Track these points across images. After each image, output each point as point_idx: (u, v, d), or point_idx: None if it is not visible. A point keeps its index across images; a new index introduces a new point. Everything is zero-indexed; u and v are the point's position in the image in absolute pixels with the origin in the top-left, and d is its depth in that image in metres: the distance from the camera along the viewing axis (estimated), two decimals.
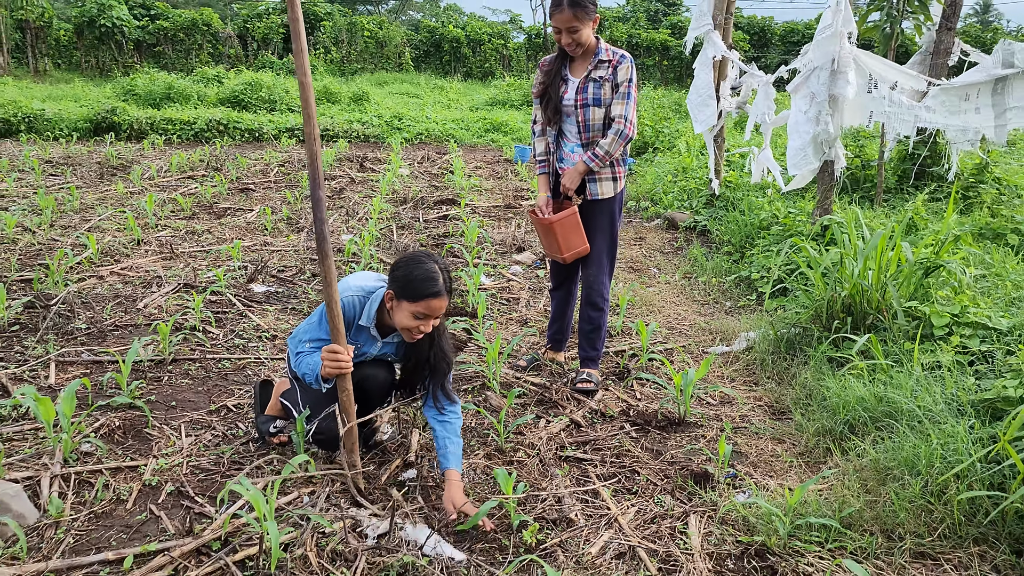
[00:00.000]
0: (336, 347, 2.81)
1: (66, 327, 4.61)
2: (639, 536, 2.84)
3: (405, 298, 2.90)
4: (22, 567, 2.52)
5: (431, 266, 2.91)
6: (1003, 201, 6.66)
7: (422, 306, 2.89)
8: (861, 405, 3.43)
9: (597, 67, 3.80)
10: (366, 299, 3.06)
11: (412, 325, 2.93)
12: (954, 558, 2.66)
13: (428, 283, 2.87)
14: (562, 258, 4.00)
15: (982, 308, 3.94)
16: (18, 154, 11.05)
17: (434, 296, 2.88)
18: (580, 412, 3.84)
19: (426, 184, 10.10)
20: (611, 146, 3.79)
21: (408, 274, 2.89)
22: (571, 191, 3.93)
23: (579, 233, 3.94)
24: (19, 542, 2.62)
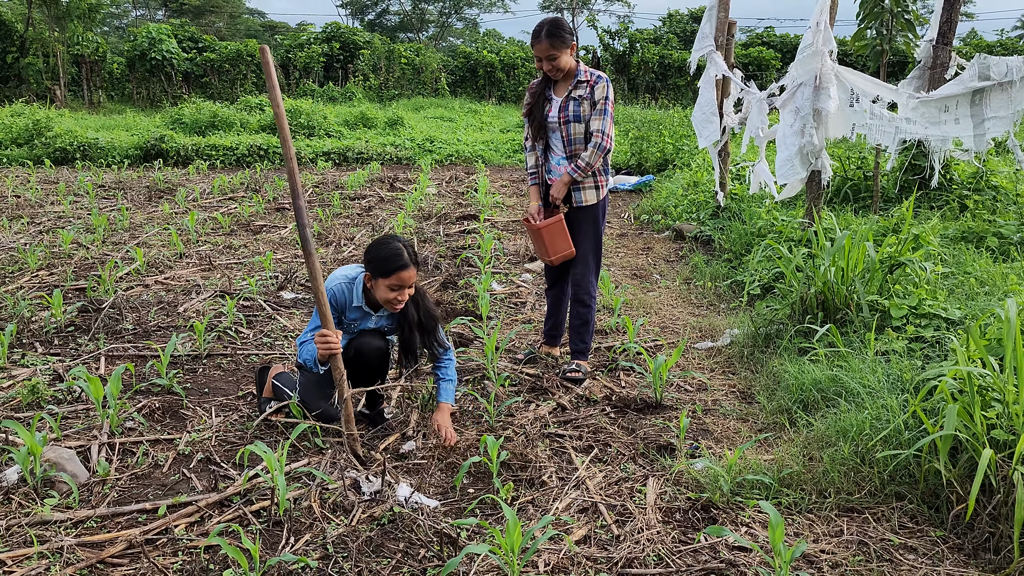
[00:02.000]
0: (325, 331, 3.26)
1: (115, 327, 5.16)
2: (602, 495, 3.23)
3: (379, 275, 3.39)
4: (75, 513, 3.02)
5: (395, 245, 3.41)
6: (997, 208, 6.91)
7: (394, 279, 3.37)
8: (815, 386, 3.79)
9: (576, 87, 4.25)
10: (352, 284, 3.56)
11: (391, 297, 3.42)
12: (877, 511, 3.01)
13: (394, 258, 3.36)
14: (549, 260, 4.44)
15: (939, 301, 4.26)
16: (74, 179, 11.85)
17: (402, 268, 3.36)
18: (567, 398, 4.25)
19: (451, 201, 10.61)
20: (591, 157, 4.23)
21: (377, 255, 3.39)
22: (558, 200, 4.37)
23: (565, 238, 4.38)
24: (73, 494, 3.12)
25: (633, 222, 9.58)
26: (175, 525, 2.95)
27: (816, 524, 2.97)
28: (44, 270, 6.48)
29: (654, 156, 13.25)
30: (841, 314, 4.52)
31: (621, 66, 30.05)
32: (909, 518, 2.97)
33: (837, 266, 4.57)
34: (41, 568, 2.67)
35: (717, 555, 2.78)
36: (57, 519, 2.97)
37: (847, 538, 2.86)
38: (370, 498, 3.16)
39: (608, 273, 6.73)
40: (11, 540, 2.85)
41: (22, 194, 10.34)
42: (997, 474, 2.73)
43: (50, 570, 2.67)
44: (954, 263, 5.19)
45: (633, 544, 2.86)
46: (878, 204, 7.10)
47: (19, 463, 3.16)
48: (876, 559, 2.74)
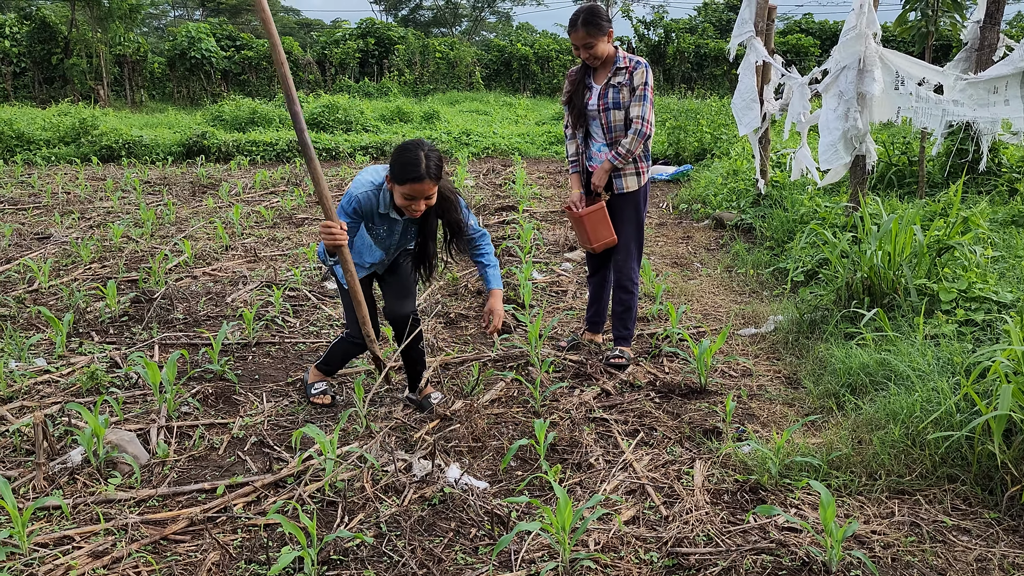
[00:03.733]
0: (328, 222, 3.18)
1: (166, 317, 5.29)
2: (649, 477, 3.25)
3: (395, 181, 3.26)
4: (137, 492, 3.12)
5: (417, 153, 3.21)
6: None
7: (408, 188, 3.23)
8: (863, 370, 3.77)
9: (616, 74, 4.25)
10: (378, 190, 3.43)
11: (404, 204, 3.31)
12: (929, 493, 2.99)
13: (410, 168, 3.19)
14: (592, 248, 4.45)
15: (989, 284, 4.20)
16: (120, 176, 12.12)
17: (416, 180, 3.20)
18: (611, 383, 4.27)
19: (489, 193, 10.65)
20: (632, 144, 4.22)
21: (397, 160, 3.24)
22: (599, 188, 4.38)
23: (607, 225, 4.38)
24: (135, 474, 3.22)
25: (672, 211, 9.54)
26: (233, 504, 3.04)
27: (867, 506, 2.96)
28: (96, 263, 6.65)
29: (692, 146, 13.15)
30: (888, 299, 4.47)
31: (656, 56, 29.82)
32: (962, 500, 2.95)
33: (884, 250, 4.52)
34: (108, 544, 2.77)
35: (767, 535, 2.79)
36: (120, 498, 3.07)
37: (899, 519, 2.84)
38: (421, 479, 3.22)
39: (648, 262, 6.71)
40: (78, 517, 2.96)
41: (71, 190, 10.60)
42: None
43: (116, 546, 2.76)
44: (1004, 247, 5.10)
45: (682, 524, 2.88)
46: (924, 190, 6.99)
47: (83, 444, 3.27)
48: (929, 540, 2.72)
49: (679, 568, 2.64)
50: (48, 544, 2.77)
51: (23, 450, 3.47)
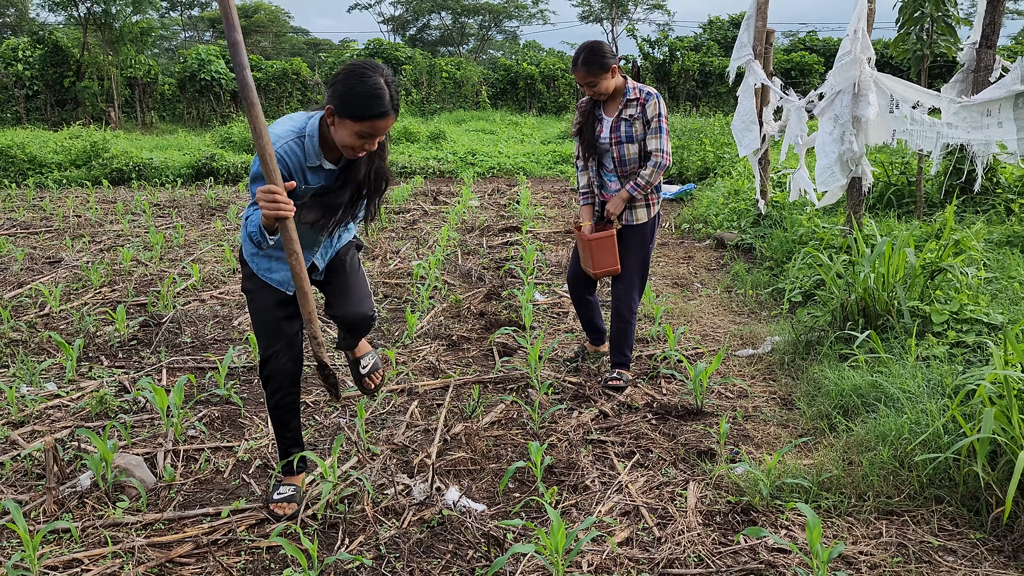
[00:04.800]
0: (271, 187, 2.50)
1: (174, 341, 5.40)
2: (644, 499, 3.33)
3: (348, 116, 2.62)
4: (144, 516, 3.21)
5: (376, 80, 2.62)
6: None
7: (367, 126, 2.64)
8: (855, 392, 3.83)
9: (627, 106, 4.27)
10: (302, 139, 2.77)
11: (356, 144, 2.68)
12: (916, 514, 3.05)
13: (373, 101, 2.61)
14: (592, 273, 4.49)
15: (980, 306, 4.27)
16: (131, 199, 12.30)
17: (380, 117, 2.63)
18: (609, 405, 4.34)
19: (493, 214, 10.77)
20: (652, 177, 4.27)
21: (351, 89, 2.61)
22: (614, 215, 4.40)
23: (612, 254, 4.40)
24: (142, 498, 3.31)
25: (674, 231, 9.63)
26: (237, 527, 3.12)
27: (855, 527, 3.02)
28: (107, 287, 6.78)
29: (695, 165, 13.26)
30: (882, 320, 4.54)
31: (661, 75, 30.03)
32: (948, 521, 3.01)
33: (877, 272, 4.60)
34: (115, 567, 2.86)
35: (756, 556, 2.86)
36: (128, 521, 3.16)
37: (886, 540, 2.91)
38: (420, 502, 3.30)
39: (649, 282, 6.80)
40: (87, 540, 3.05)
41: (83, 214, 10.77)
42: None
43: (123, 569, 2.85)
44: (998, 268, 5.17)
45: (674, 545, 2.95)
46: (922, 210, 7.06)
47: (92, 469, 3.36)
48: (915, 560, 2.78)
49: None
50: (58, 567, 2.86)
51: (34, 474, 3.57)
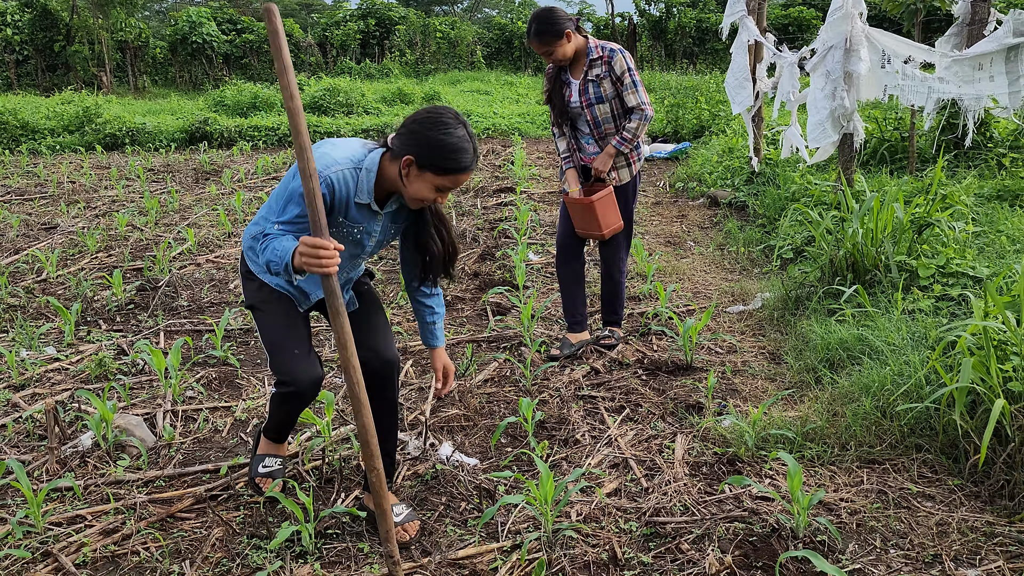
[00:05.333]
0: (319, 241, 2.18)
1: (171, 305, 5.45)
2: (632, 451, 3.41)
3: (430, 169, 2.44)
4: (144, 473, 3.29)
5: (461, 132, 2.45)
6: None
7: (449, 180, 2.47)
8: (841, 345, 3.90)
9: (591, 66, 4.21)
10: (358, 171, 2.53)
11: (430, 197, 2.51)
12: (897, 463, 3.13)
13: (460, 155, 2.44)
14: (601, 235, 4.34)
15: (967, 260, 4.31)
16: (125, 164, 12.27)
17: (465, 171, 2.48)
18: (600, 362, 4.41)
19: (488, 175, 10.76)
20: (638, 129, 4.21)
21: (436, 140, 2.42)
22: (603, 173, 4.34)
23: (615, 210, 4.32)
24: (142, 457, 3.39)
25: (668, 190, 9.63)
26: (236, 483, 3.20)
27: (837, 475, 3.11)
28: (103, 252, 6.82)
29: (690, 123, 13.20)
30: (870, 275, 4.59)
31: (657, 32, 29.69)
32: (928, 468, 3.09)
33: (866, 228, 4.64)
34: (118, 522, 2.94)
35: (741, 504, 2.94)
36: (129, 479, 3.24)
37: (867, 487, 2.99)
38: (415, 457, 3.38)
39: (642, 241, 6.85)
40: (89, 498, 3.13)
41: (77, 179, 10.75)
42: (1012, 424, 2.84)
43: (125, 524, 2.93)
44: (986, 222, 5.20)
45: (661, 495, 3.03)
46: (914, 165, 7.07)
47: (92, 429, 3.44)
48: (894, 506, 2.87)
49: (656, 536, 2.79)
50: (62, 523, 2.95)
51: (36, 435, 3.64)
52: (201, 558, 2.73)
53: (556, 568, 2.62)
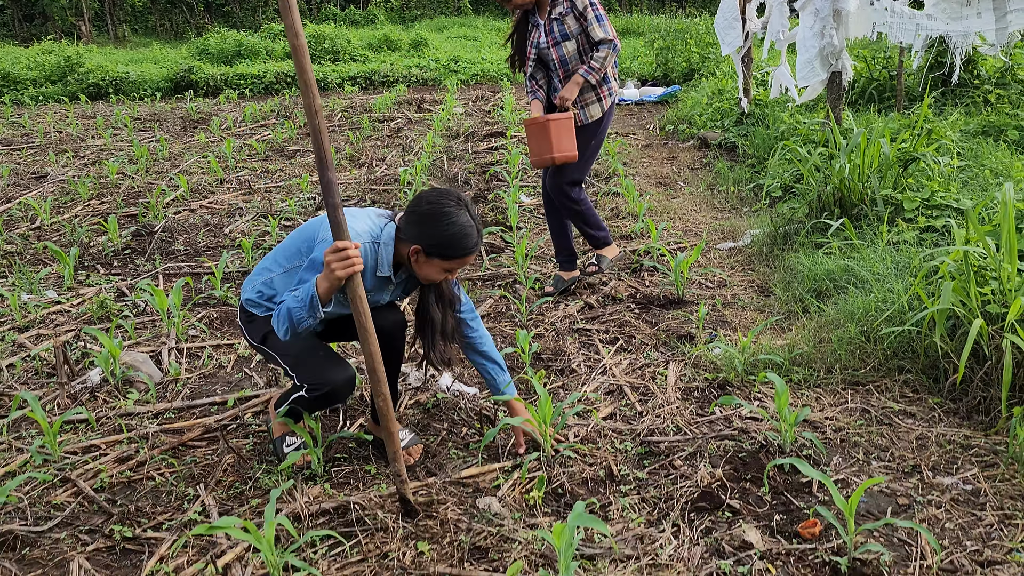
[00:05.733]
0: (342, 243, 2.31)
1: (167, 249, 5.50)
2: (627, 379, 3.53)
3: (438, 256, 2.59)
4: (154, 406, 3.39)
5: (465, 218, 2.57)
6: (1022, 102, 6.91)
7: (457, 263, 2.64)
8: (828, 276, 4.01)
9: (554, 5, 4.21)
10: (376, 244, 2.66)
11: (440, 277, 2.69)
12: (880, 384, 3.27)
13: (466, 241, 2.58)
14: (552, 159, 4.20)
15: (951, 192, 4.41)
16: (110, 113, 12.15)
17: (471, 253, 2.63)
18: (594, 297, 4.52)
19: (478, 120, 10.74)
20: (606, 59, 4.22)
21: (443, 232, 2.55)
22: (568, 102, 4.27)
23: (571, 138, 4.22)
24: (150, 391, 3.49)
25: (658, 133, 9.65)
26: (245, 413, 3.31)
27: (823, 397, 3.24)
28: (95, 199, 6.83)
29: (680, 66, 13.14)
30: (856, 210, 4.68)
31: None
32: (909, 388, 3.22)
33: (853, 163, 4.71)
34: (131, 451, 3.05)
35: (730, 424, 3.07)
36: (139, 411, 3.34)
37: (851, 407, 3.13)
38: (416, 387, 3.49)
39: (633, 182, 6.90)
40: (102, 429, 3.23)
41: (63, 129, 10.67)
42: (990, 344, 2.96)
43: (139, 452, 3.04)
44: (971, 156, 5.29)
45: (655, 418, 3.16)
46: (902, 103, 7.12)
47: (100, 365, 3.52)
48: (876, 423, 3.00)
49: (650, 455, 2.92)
50: (77, 452, 3.05)
51: (44, 373, 3.73)
52: (214, 482, 2.84)
53: (555, 484, 2.75)
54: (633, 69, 14.94)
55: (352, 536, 2.51)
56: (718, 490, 2.66)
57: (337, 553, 2.45)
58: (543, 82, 4.44)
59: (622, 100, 12.12)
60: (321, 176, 2.24)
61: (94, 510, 2.71)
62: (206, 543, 2.51)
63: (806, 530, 2.43)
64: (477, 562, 2.40)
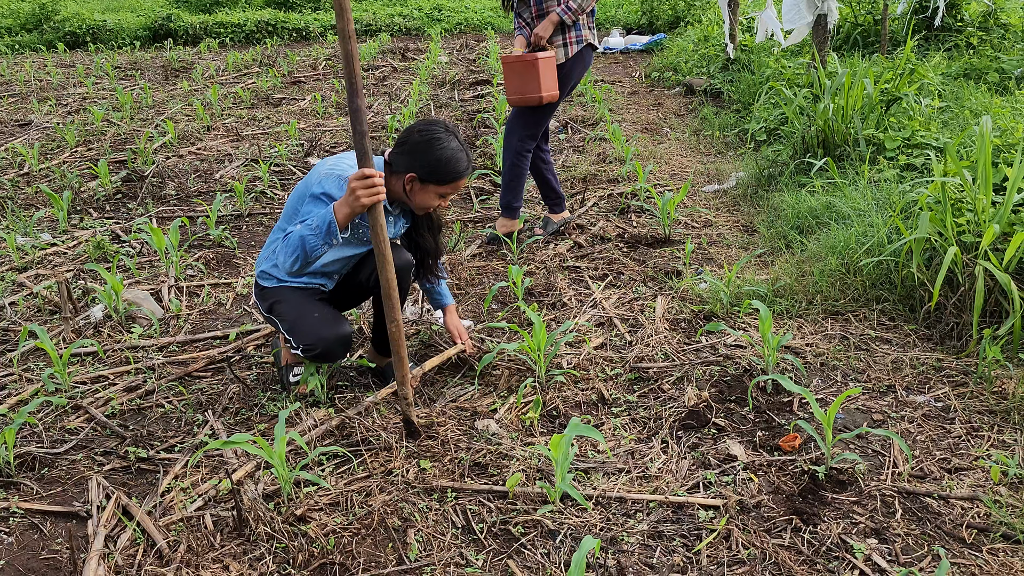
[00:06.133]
0: (367, 171, 2.39)
1: (159, 193, 5.54)
2: (616, 311, 3.65)
3: (433, 182, 2.74)
4: (158, 340, 3.48)
5: (452, 143, 2.73)
6: (1004, 46, 7.00)
7: (450, 187, 2.78)
8: (811, 213, 4.13)
9: None
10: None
11: (436, 204, 2.84)
12: (859, 313, 3.41)
13: (457, 164, 2.73)
14: (538, 97, 4.22)
15: (931, 132, 4.52)
16: (90, 62, 11.98)
17: (462, 176, 2.77)
18: (583, 237, 4.62)
19: (463, 69, 10.70)
20: (583, 2, 4.23)
21: (433, 158, 2.70)
22: (543, 39, 4.26)
23: (555, 78, 4.25)
24: (154, 326, 3.58)
25: (644, 80, 9.67)
26: (247, 346, 3.41)
27: (804, 326, 3.38)
28: (82, 146, 6.81)
29: (666, 14, 13.09)
30: (840, 150, 4.79)
31: None
32: (887, 317, 3.37)
33: (837, 104, 4.81)
34: (139, 380, 3.15)
35: (716, 352, 3.21)
36: (144, 344, 3.44)
37: (830, 334, 3.27)
38: (412, 320, 3.60)
39: (620, 128, 6.96)
40: (109, 361, 3.33)
41: (42, 78, 10.53)
42: (964, 271, 3.10)
43: (147, 382, 3.14)
44: (952, 98, 5.39)
45: (644, 346, 3.29)
46: (887, 48, 7.18)
47: (104, 301, 3.60)
48: (854, 349, 3.15)
49: (640, 380, 3.06)
50: (86, 382, 3.15)
51: (47, 310, 3.80)
52: (221, 408, 2.96)
53: (550, 407, 2.88)
54: (618, 17, 14.85)
55: (358, 455, 2.63)
56: (704, 410, 2.80)
57: (344, 470, 2.58)
58: (529, 19, 4.45)
59: (608, 49, 12.09)
60: (351, 102, 2.29)
61: (107, 434, 2.82)
62: (217, 463, 2.63)
63: (787, 443, 2.58)
64: (477, 477, 2.53)
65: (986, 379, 2.82)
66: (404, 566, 2.16)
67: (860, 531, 2.20)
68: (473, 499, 2.43)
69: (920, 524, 2.22)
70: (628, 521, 2.30)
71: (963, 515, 2.24)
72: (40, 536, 2.33)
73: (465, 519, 2.34)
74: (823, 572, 2.07)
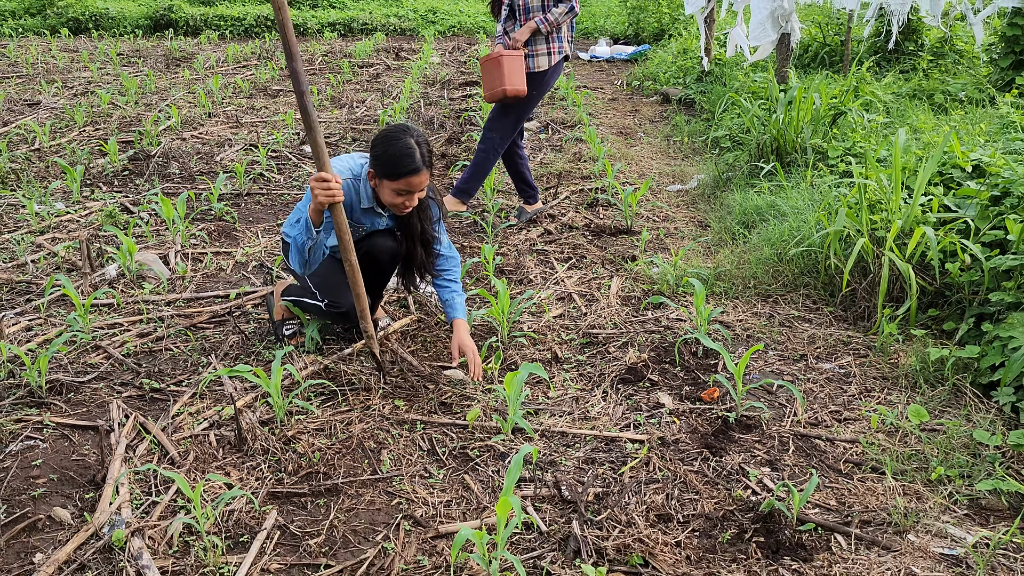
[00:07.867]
0: (323, 174, 2.67)
1: (164, 172, 5.95)
2: (576, 288, 4.11)
3: (385, 177, 2.95)
4: (166, 296, 3.91)
5: (407, 141, 2.92)
6: (958, 70, 7.53)
7: (402, 183, 2.94)
8: (756, 211, 4.61)
9: None
10: (357, 181, 3.12)
11: (397, 201, 3.01)
12: (787, 297, 3.88)
13: (406, 159, 2.90)
14: (503, 90, 4.63)
15: (870, 143, 5.01)
16: (93, 48, 12.35)
17: (413, 173, 2.92)
18: (553, 225, 5.08)
19: (454, 69, 11.15)
20: (560, 16, 4.69)
21: (385, 152, 2.93)
22: (519, 43, 4.72)
23: (522, 75, 4.67)
24: (162, 284, 4.00)
25: (625, 88, 10.16)
26: (246, 304, 3.84)
27: (739, 305, 3.85)
28: (90, 126, 7.21)
29: (651, 26, 13.60)
30: (790, 157, 5.28)
31: None
32: (811, 300, 3.85)
33: (789, 115, 5.30)
34: (151, 328, 3.58)
35: (660, 324, 3.67)
36: (154, 299, 3.86)
37: (759, 312, 3.74)
38: (394, 289, 4.04)
39: (596, 131, 7.43)
40: (123, 312, 3.75)
41: (48, 61, 10.90)
42: (875, 262, 3.58)
43: (157, 330, 3.57)
44: (898, 115, 5.89)
45: (596, 317, 3.75)
46: (849, 68, 7.70)
47: (118, 260, 4.02)
48: (779, 326, 3.62)
49: (591, 344, 3.51)
50: (103, 328, 3.57)
51: (64, 268, 4.22)
52: (223, 354, 3.39)
53: (509, 363, 3.33)
54: (606, 27, 15.36)
55: (342, 393, 3.07)
56: (642, 368, 3.26)
57: (328, 404, 3.02)
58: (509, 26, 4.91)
59: (594, 57, 12.58)
60: (289, 65, 2.59)
61: (123, 370, 3.24)
62: (219, 395, 3.06)
63: (708, 395, 3.04)
64: (443, 413, 2.98)
65: (884, 351, 3.30)
66: (378, 475, 2.60)
67: (757, 462, 2.67)
68: (438, 430, 2.87)
69: (807, 458, 2.69)
70: (567, 449, 2.75)
71: (844, 453, 2.71)
72: (70, 443, 2.75)
73: (430, 444, 2.79)
74: (722, 489, 2.53)
